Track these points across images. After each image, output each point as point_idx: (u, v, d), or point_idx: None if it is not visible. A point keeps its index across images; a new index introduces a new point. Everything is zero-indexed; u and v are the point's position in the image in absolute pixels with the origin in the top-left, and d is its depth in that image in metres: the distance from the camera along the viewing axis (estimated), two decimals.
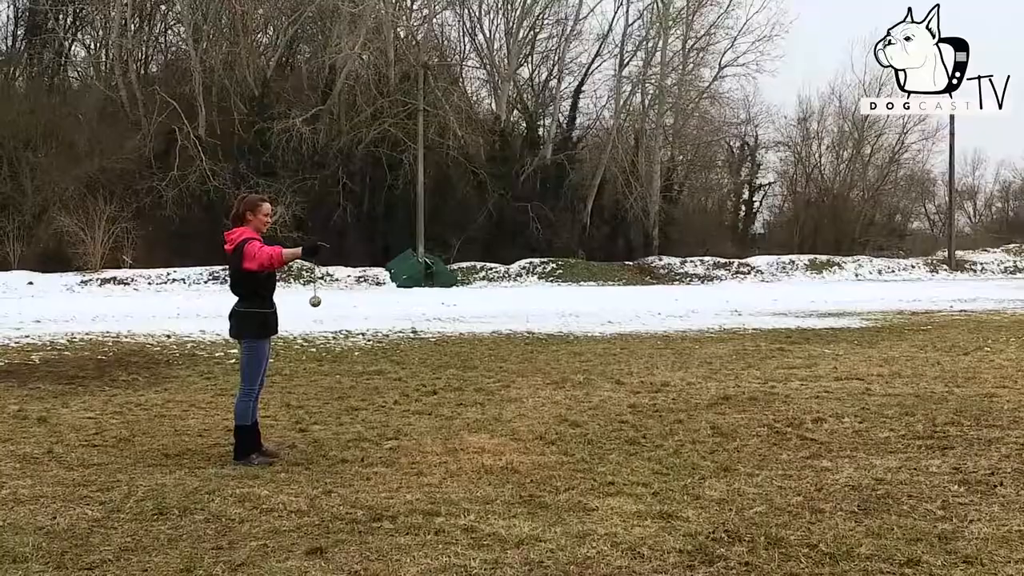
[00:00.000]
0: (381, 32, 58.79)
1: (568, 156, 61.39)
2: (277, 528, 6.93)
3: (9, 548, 6.43)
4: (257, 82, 56.95)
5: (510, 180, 58.33)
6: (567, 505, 7.54)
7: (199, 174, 52.87)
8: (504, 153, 59.47)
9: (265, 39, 63.49)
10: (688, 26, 64.68)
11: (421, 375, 14.99)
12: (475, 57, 65.82)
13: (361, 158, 56.73)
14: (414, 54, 59.67)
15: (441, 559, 6.30)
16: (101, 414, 11.58)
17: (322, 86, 57.88)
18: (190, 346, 19.09)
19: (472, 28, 64.50)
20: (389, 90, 57.39)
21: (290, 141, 53.81)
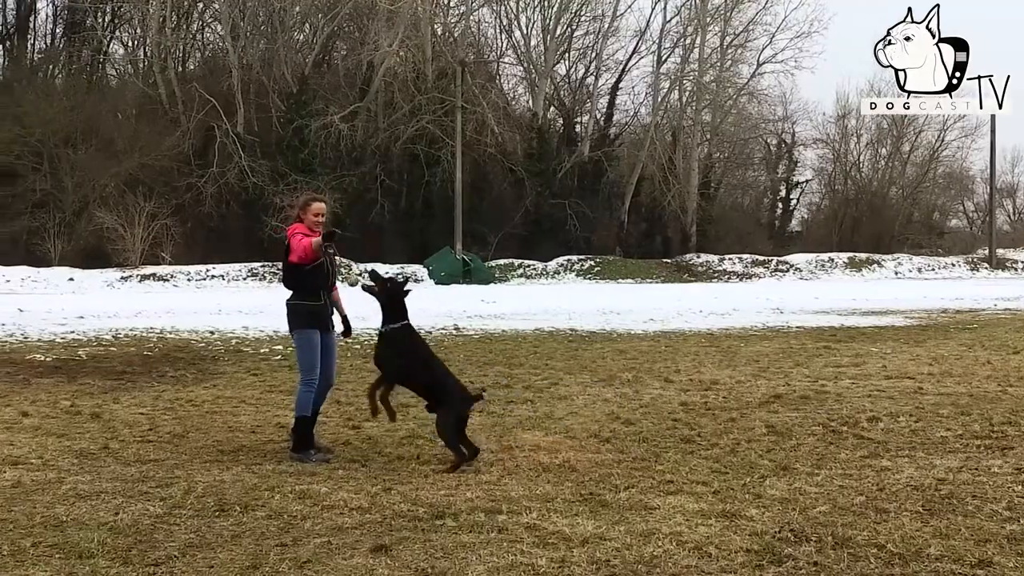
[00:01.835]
0: (418, 29, 58.86)
1: (606, 153, 61.31)
2: (340, 525, 6.90)
3: (75, 543, 6.42)
4: (295, 79, 57.11)
5: (547, 177, 58.29)
6: (628, 503, 7.48)
7: (237, 171, 53.12)
8: (541, 150, 59.42)
9: (302, 36, 63.70)
10: (726, 23, 64.47)
11: (467, 372, 14.92)
12: (512, 54, 65.90)
13: (399, 155, 56.84)
14: (451, 51, 59.73)
15: (507, 557, 6.25)
16: (152, 410, 11.61)
17: (360, 83, 58.02)
18: (235, 342, 19.14)
19: (509, 25, 64.58)
20: (426, 87, 57.46)
21: (328, 138, 53.99)
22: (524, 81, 66.49)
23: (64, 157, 51.96)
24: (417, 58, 59.38)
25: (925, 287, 44.18)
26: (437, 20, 62.51)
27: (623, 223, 61.78)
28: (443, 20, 63.71)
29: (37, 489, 7.86)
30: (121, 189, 51.42)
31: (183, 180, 53.07)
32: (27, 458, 8.94)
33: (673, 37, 64.74)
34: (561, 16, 62.97)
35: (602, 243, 58.61)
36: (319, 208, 9.41)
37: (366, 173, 54.77)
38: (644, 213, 63.71)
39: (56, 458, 8.98)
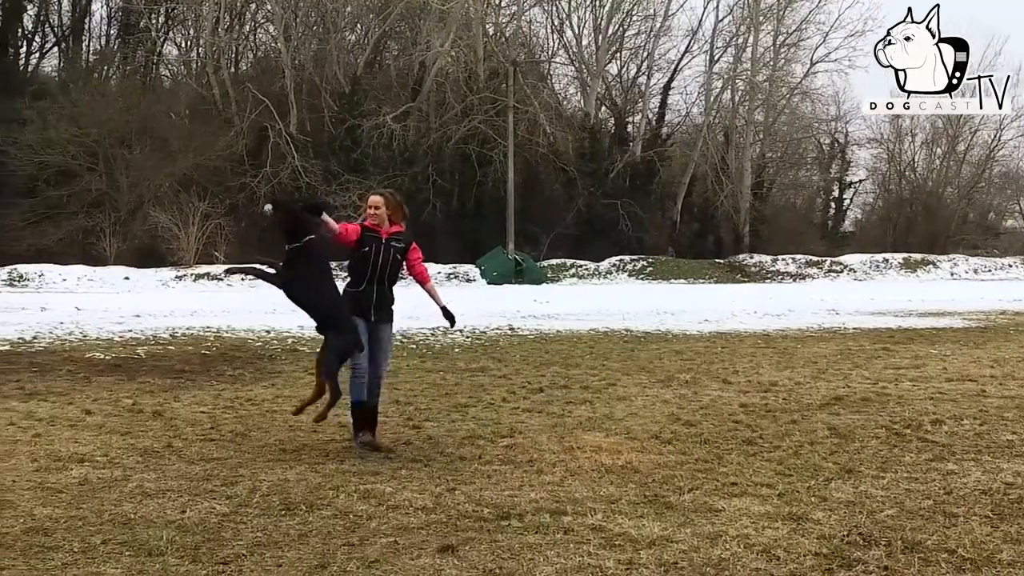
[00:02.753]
0: (470, 29, 58.95)
1: (658, 153, 61.13)
2: (405, 525, 6.90)
3: (144, 541, 6.46)
4: (347, 79, 57.34)
5: (599, 177, 58.21)
6: (693, 505, 7.44)
7: (290, 171, 53.43)
8: (593, 150, 59.34)
9: (354, 37, 63.97)
10: (779, 21, 64.11)
11: (525, 372, 14.95)
12: (563, 54, 65.80)
13: (451, 155, 56.94)
14: (503, 51, 59.77)
15: (574, 559, 6.23)
16: (213, 408, 11.67)
17: (412, 83, 58.17)
18: (291, 341, 19.23)
19: (560, 25, 64.53)
20: (478, 87, 57.51)
21: (380, 138, 54.18)
22: (576, 81, 66.50)
23: (119, 157, 52.45)
24: (469, 58, 59.45)
25: (982, 288, 43.76)
26: (489, 20, 62.57)
27: (675, 223, 61.58)
28: (495, 20, 63.78)
29: (104, 487, 7.91)
30: (175, 189, 51.85)
31: (236, 180, 53.43)
32: (92, 456, 9.01)
33: (725, 36, 64.54)
34: (613, 16, 62.87)
35: (654, 243, 58.45)
36: (372, 200, 9.61)
37: (418, 173, 54.89)
38: (696, 213, 63.46)
39: (121, 456, 9.05)
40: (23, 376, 14.17)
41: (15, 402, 11.81)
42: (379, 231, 9.50)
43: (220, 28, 61.00)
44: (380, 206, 9.50)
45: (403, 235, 9.57)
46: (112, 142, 52.51)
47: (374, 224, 9.52)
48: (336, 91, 57.28)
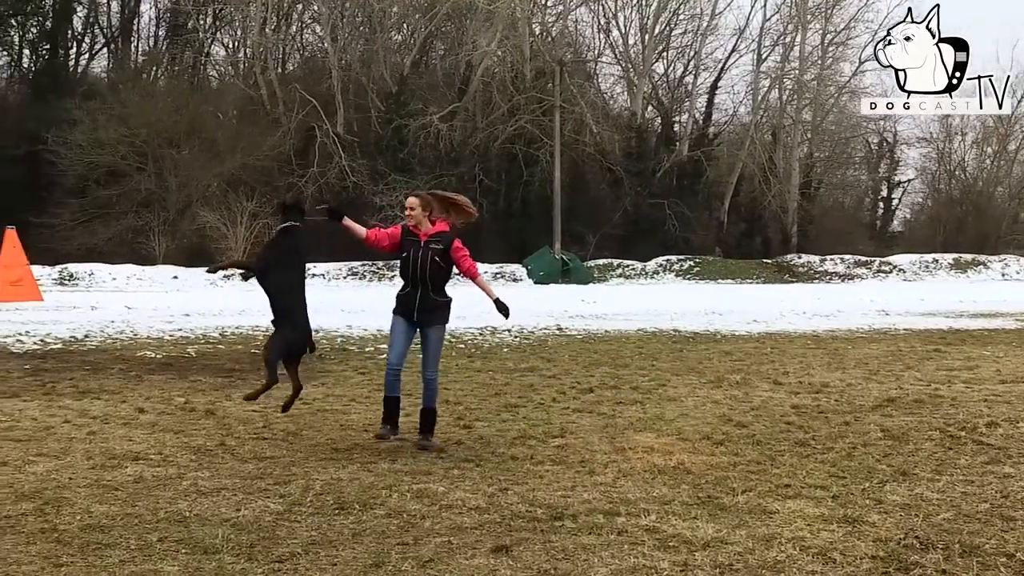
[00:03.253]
0: (517, 28, 58.97)
1: (705, 153, 60.89)
2: (459, 525, 6.91)
3: (200, 539, 6.50)
4: (393, 79, 57.48)
5: (646, 177, 58.07)
6: (747, 507, 7.41)
7: (338, 171, 53.64)
8: (640, 150, 59.21)
9: (400, 37, 64.12)
10: (827, 20, 63.72)
11: (574, 373, 14.93)
12: (610, 53, 65.65)
13: (497, 155, 56.98)
14: (549, 50, 59.73)
15: (629, 560, 6.22)
16: (265, 407, 11.68)
17: (458, 83, 58.23)
18: (340, 340, 19.29)
19: (606, 24, 64.38)
20: (525, 87, 57.51)
21: (427, 138, 54.28)
22: (622, 80, 66.33)
23: (168, 157, 52.84)
24: (515, 58, 59.46)
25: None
26: (535, 19, 62.52)
27: (722, 223, 61.32)
28: (541, 19, 63.71)
29: (159, 485, 7.97)
30: (223, 189, 52.18)
31: (284, 180, 53.66)
32: (147, 454, 9.07)
33: (773, 35, 64.21)
34: (659, 15, 62.67)
35: (701, 243, 58.25)
36: (408, 202, 9.68)
37: (464, 173, 54.94)
38: (744, 213, 63.15)
39: (175, 454, 9.11)
40: (76, 374, 14.29)
41: (69, 400, 11.92)
42: (419, 233, 9.52)
43: (267, 28, 61.33)
44: (415, 207, 9.51)
45: (444, 235, 9.54)
46: (161, 142, 52.91)
47: (414, 226, 9.54)
48: (383, 91, 57.45)
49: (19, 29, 62.11)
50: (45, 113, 53.05)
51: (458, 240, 9.58)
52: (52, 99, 53.79)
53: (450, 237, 9.54)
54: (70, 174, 51.69)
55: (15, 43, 62.37)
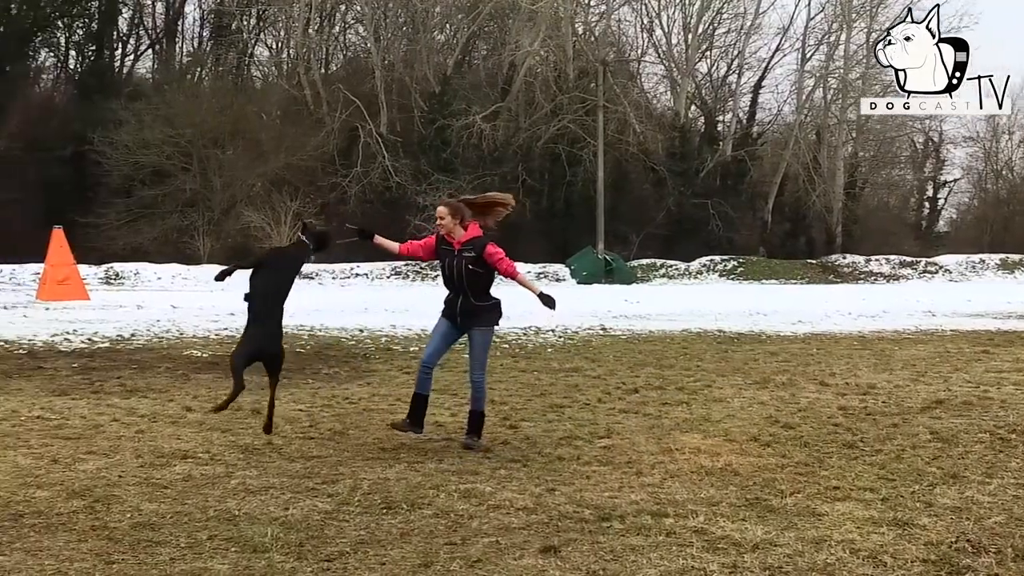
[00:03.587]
0: (560, 28, 58.89)
1: (748, 152, 60.56)
2: (507, 525, 6.91)
3: (249, 537, 6.53)
4: (436, 79, 57.55)
5: (689, 177, 57.84)
6: (795, 509, 7.37)
7: (381, 171, 53.73)
8: (683, 149, 58.97)
9: (443, 37, 64.18)
10: (872, 19, 63.19)
11: (619, 373, 14.90)
12: (653, 53, 65.41)
13: (540, 155, 56.93)
14: (592, 50, 59.65)
15: (678, 561, 6.20)
16: (311, 407, 11.77)
17: (501, 83, 58.23)
18: (384, 340, 19.33)
19: (649, 24, 64.11)
20: (568, 87, 57.44)
21: (470, 138, 54.29)
22: (665, 80, 66.05)
23: (212, 157, 53.11)
24: (558, 57, 59.40)
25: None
26: (578, 19, 62.40)
27: (766, 223, 60.98)
28: (584, 19, 63.61)
29: (207, 483, 8.02)
30: (267, 188, 52.39)
31: (327, 180, 53.85)
32: (195, 452, 9.13)
33: (818, 34, 63.73)
34: (702, 14, 62.40)
35: (745, 243, 57.94)
36: (437, 211, 9.72)
37: (507, 173, 54.91)
38: (788, 213, 62.77)
39: (223, 453, 9.16)
40: (124, 373, 14.40)
41: (117, 399, 12.01)
42: (452, 241, 9.53)
43: (311, 29, 61.56)
44: (444, 216, 9.53)
45: (476, 241, 9.48)
46: (205, 142, 53.17)
47: (446, 234, 9.55)
48: (426, 91, 57.52)
49: (65, 31, 62.62)
50: (91, 114, 53.44)
51: (491, 244, 9.51)
52: (98, 100, 54.17)
53: (482, 243, 9.47)
54: (116, 174, 52.04)
55: (61, 45, 62.91)
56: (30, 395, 12.37)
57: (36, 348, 17.43)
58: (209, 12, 64.59)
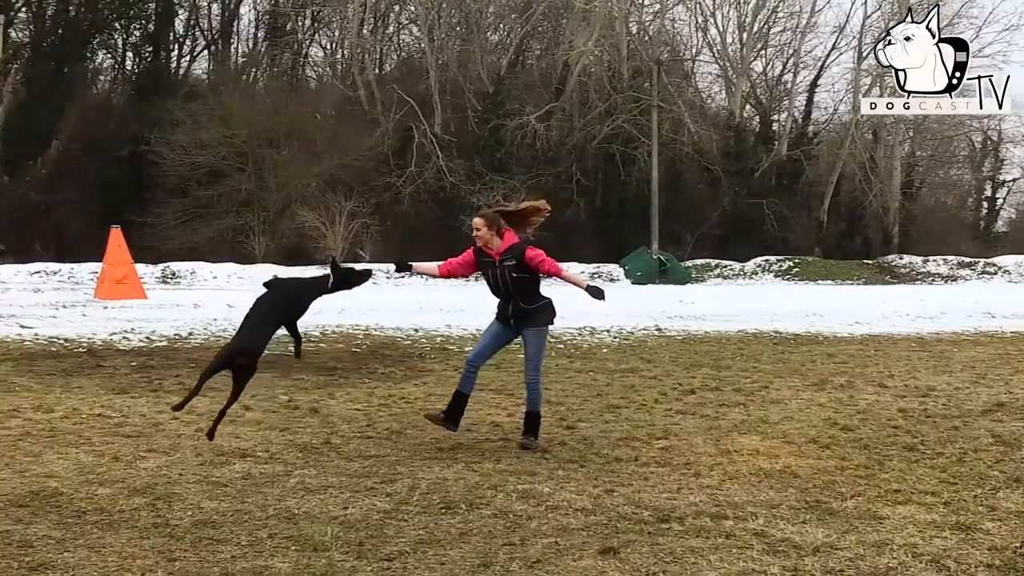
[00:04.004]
0: (614, 28, 58.77)
1: (804, 152, 60.16)
2: (565, 526, 6.90)
3: (309, 536, 6.56)
4: (490, 79, 57.62)
5: (744, 176, 57.57)
6: (856, 512, 7.31)
7: (435, 170, 53.85)
8: (738, 149, 58.68)
9: (496, 37, 64.27)
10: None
11: (675, 374, 14.84)
12: (707, 52, 65.14)
13: (594, 154, 56.84)
14: (646, 49, 59.48)
15: (738, 564, 6.17)
16: (368, 406, 11.82)
17: (555, 83, 58.20)
18: (439, 340, 19.37)
19: (704, 23, 63.83)
20: (622, 86, 57.31)
21: (524, 138, 54.31)
22: (720, 79, 65.74)
23: (267, 157, 53.44)
24: (612, 57, 59.29)
25: None
26: (632, 18, 62.25)
27: (822, 223, 60.53)
28: (638, 18, 63.41)
29: (267, 481, 8.07)
30: (322, 188, 52.64)
31: (382, 179, 54.03)
32: (254, 451, 9.19)
33: (874, 32, 63.03)
34: (757, 13, 62.02)
35: (800, 243, 57.52)
36: (473, 223, 9.70)
37: (561, 172, 54.90)
38: (843, 213, 62.27)
39: (281, 451, 9.21)
40: (182, 372, 14.52)
41: (176, 397, 12.04)
42: (491, 252, 9.52)
43: (365, 29, 61.82)
44: (480, 227, 9.52)
45: (514, 248, 9.46)
46: (260, 142, 53.51)
47: (484, 246, 9.55)
48: (480, 91, 57.61)
49: (123, 32, 63.33)
50: (148, 115, 53.97)
51: (529, 249, 9.49)
52: (154, 101, 54.70)
53: (520, 249, 9.45)
54: (172, 174, 52.50)
55: (119, 46, 63.64)
56: (90, 393, 12.51)
57: (95, 346, 17.62)
58: (264, 13, 65.14)
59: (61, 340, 18.37)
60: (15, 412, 11.03)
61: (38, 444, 9.43)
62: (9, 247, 50.72)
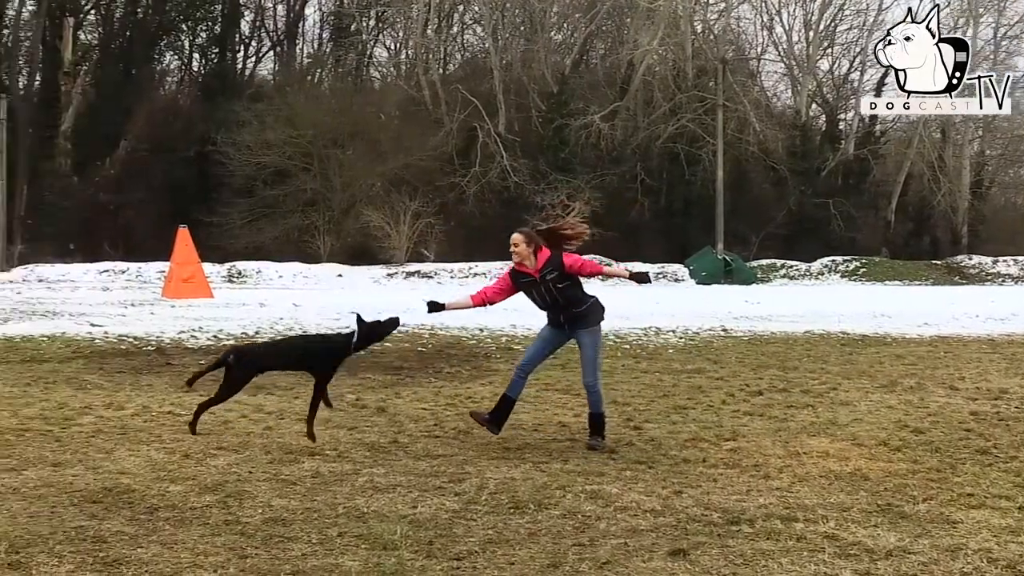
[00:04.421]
0: (678, 26, 58.58)
1: (871, 151, 59.63)
2: (635, 527, 6.87)
3: (379, 535, 6.58)
4: (554, 79, 57.62)
5: (810, 176, 57.19)
6: (928, 516, 7.21)
7: (499, 170, 53.95)
8: (804, 148, 58.30)
9: (560, 36, 64.28)
10: (1000, 13, 61.80)
11: (742, 375, 14.73)
12: (773, 50, 64.75)
13: (658, 154, 56.70)
14: (711, 48, 59.23)
15: (809, 567, 6.11)
16: (434, 405, 11.85)
17: (619, 82, 58.11)
18: (504, 340, 19.37)
19: (769, 21, 63.48)
20: (686, 85, 57.12)
21: (588, 137, 54.28)
22: (785, 78, 65.38)
23: (332, 157, 53.81)
24: (677, 56, 59.13)
25: None
26: (697, 17, 62.04)
27: (889, 223, 59.94)
28: (703, 17, 63.20)
29: (335, 480, 8.11)
30: (386, 188, 52.94)
31: (446, 179, 54.24)
32: (322, 449, 9.24)
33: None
34: (824, 11, 61.58)
35: (867, 243, 57.01)
36: (512, 239, 9.63)
37: (625, 172, 54.84)
38: (911, 212, 61.65)
39: (349, 450, 9.26)
40: None
41: (244, 396, 12.11)
42: (529, 271, 9.51)
43: (429, 30, 62.08)
44: (519, 243, 9.51)
45: (552, 260, 9.44)
46: (325, 142, 53.91)
47: (519, 264, 9.54)
48: (544, 91, 57.65)
49: (189, 34, 64.18)
50: (214, 115, 54.59)
51: (566, 256, 9.49)
52: (221, 101, 55.28)
53: (558, 259, 9.44)
54: (238, 174, 53.03)
55: (185, 47, 64.47)
56: (160, 391, 12.65)
57: (164, 345, 17.82)
58: (329, 14, 65.66)
59: (130, 338, 18.59)
60: (87, 409, 11.18)
61: (110, 441, 9.55)
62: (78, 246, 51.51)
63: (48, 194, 54.02)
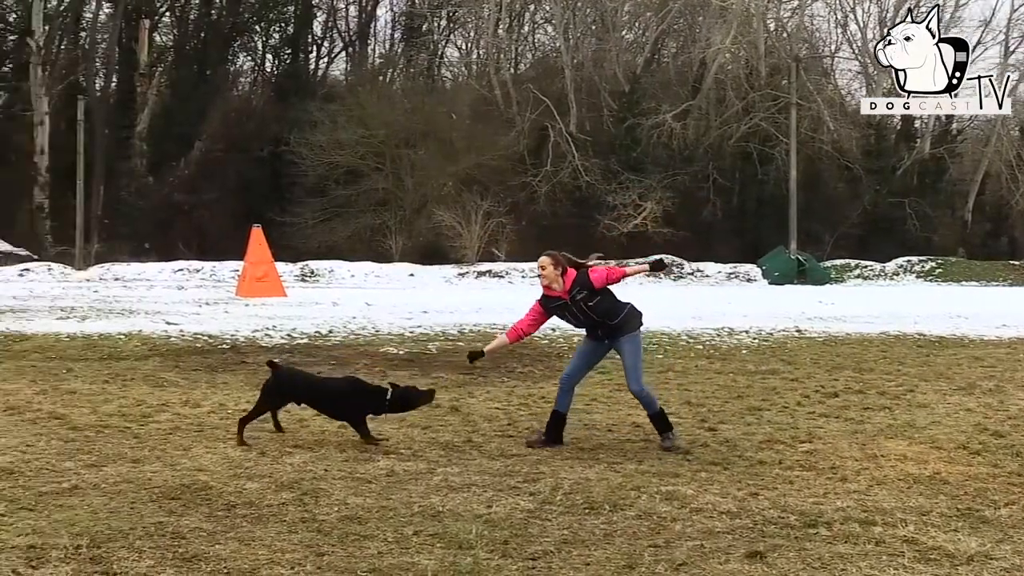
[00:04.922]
0: (751, 25, 58.19)
1: (947, 150, 58.86)
2: (710, 529, 6.83)
3: (454, 534, 6.60)
4: (626, 78, 57.45)
5: (885, 175, 56.55)
6: (1010, 521, 7.10)
7: (571, 170, 53.85)
8: (879, 147, 57.69)
9: (632, 35, 64.08)
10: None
11: (817, 376, 14.60)
12: (847, 48, 64.11)
13: (731, 153, 56.35)
14: (784, 46, 58.76)
15: (888, 572, 6.04)
16: (507, 405, 11.87)
17: (691, 81, 57.83)
18: (576, 339, 19.23)
19: (843, 19, 62.86)
20: (759, 84, 56.69)
21: (660, 137, 54.03)
22: (860, 76, 64.72)
23: (404, 157, 54.02)
24: (750, 54, 58.73)
25: None
26: (770, 15, 61.58)
27: (966, 223, 59.14)
28: (776, 15, 62.72)
29: (410, 479, 8.14)
30: (458, 188, 53.05)
31: (517, 179, 54.22)
32: (397, 448, 9.29)
33: (1022, 26, 61.55)
34: (899, 8, 60.81)
35: (943, 243, 56.26)
36: (539, 262, 9.58)
37: (698, 171, 54.52)
38: (989, 212, 60.78)
39: (424, 449, 9.30)
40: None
41: None
42: (558, 294, 9.46)
43: (500, 29, 62.13)
44: (547, 266, 9.45)
45: (579, 279, 9.39)
46: (397, 142, 54.15)
47: (547, 287, 9.50)
48: (615, 90, 57.51)
49: (263, 35, 64.76)
50: (287, 115, 55.04)
51: (591, 271, 9.45)
52: (294, 102, 55.73)
53: (584, 278, 9.39)
54: (311, 174, 53.39)
55: (259, 48, 65.06)
56: (235, 389, 12.78)
57: (239, 343, 18.01)
58: (400, 14, 65.93)
59: (205, 336, 18.80)
60: (164, 407, 11.32)
61: (187, 438, 9.66)
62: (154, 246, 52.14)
63: (124, 194, 54.75)
